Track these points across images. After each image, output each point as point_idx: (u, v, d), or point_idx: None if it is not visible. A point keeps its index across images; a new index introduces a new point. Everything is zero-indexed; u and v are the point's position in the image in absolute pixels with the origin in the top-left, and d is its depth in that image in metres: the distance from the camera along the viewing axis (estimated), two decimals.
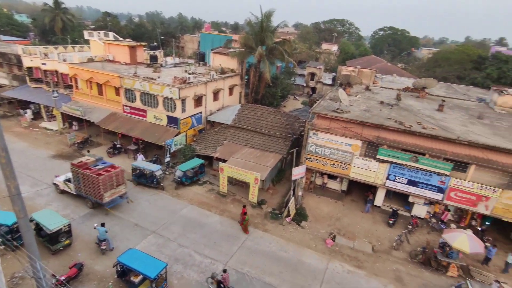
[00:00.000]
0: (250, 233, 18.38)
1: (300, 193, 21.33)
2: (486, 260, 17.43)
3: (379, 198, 21.83)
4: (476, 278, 16.19)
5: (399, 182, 20.13)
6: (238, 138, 26.09)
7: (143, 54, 35.39)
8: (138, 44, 35.11)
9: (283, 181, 24.94)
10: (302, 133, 23.54)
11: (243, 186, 22.77)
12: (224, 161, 22.93)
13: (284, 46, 32.04)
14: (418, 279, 16.13)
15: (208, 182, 23.68)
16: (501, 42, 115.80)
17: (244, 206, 18.78)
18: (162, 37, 67.30)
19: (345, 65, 44.61)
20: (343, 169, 21.26)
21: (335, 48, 73.35)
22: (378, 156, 19.96)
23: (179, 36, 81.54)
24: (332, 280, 15.50)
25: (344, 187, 23.20)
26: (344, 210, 21.65)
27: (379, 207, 21.95)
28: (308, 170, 22.36)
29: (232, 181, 23.10)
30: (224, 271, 14.25)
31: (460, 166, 18.64)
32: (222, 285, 13.69)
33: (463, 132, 20.18)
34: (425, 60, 66.12)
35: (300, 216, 20.13)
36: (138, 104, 27.34)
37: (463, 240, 15.80)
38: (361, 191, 23.18)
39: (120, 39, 39.16)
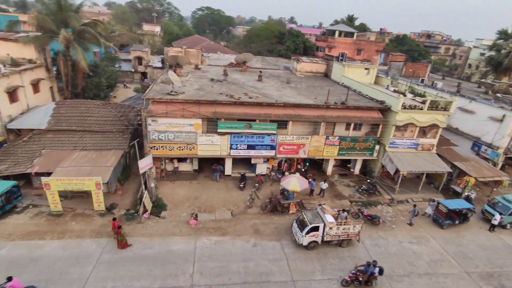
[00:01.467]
0: (105, 244, 16.18)
1: (153, 185, 20.31)
2: (311, 191, 22.57)
3: (228, 167, 23.78)
4: (308, 208, 20.78)
5: (241, 149, 22.45)
6: (63, 143, 21.59)
7: None
8: None
9: (131, 178, 22.96)
10: (140, 122, 21.95)
11: (84, 196, 19.44)
12: (49, 174, 18.60)
13: (96, 28, 27.85)
14: (271, 225, 19.10)
15: (31, 206, 18.75)
16: (292, 20, 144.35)
17: (114, 219, 16.55)
18: None
19: (172, 46, 43.92)
20: (191, 150, 21.62)
21: (157, 29, 70.63)
22: (219, 130, 21.35)
23: None
24: (203, 256, 16.07)
25: (196, 166, 23.80)
26: (200, 188, 22.37)
27: (230, 175, 23.99)
28: (156, 158, 21.42)
29: (67, 195, 19.24)
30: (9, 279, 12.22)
31: (282, 124, 22.61)
32: None
33: (279, 96, 24.33)
34: (241, 38, 74.09)
35: (159, 207, 19.36)
36: None
37: (294, 182, 19.69)
38: (212, 165, 24.50)
39: None
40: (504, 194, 23.04)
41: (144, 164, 19.18)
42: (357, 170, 26.27)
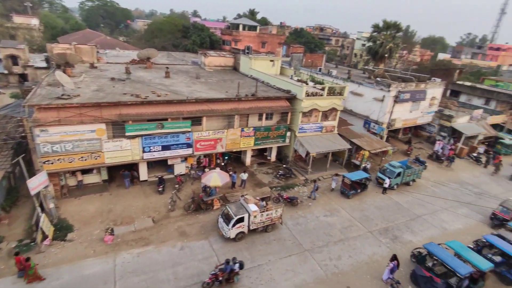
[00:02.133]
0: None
1: (52, 205, 17.40)
2: (233, 184, 22.88)
3: (143, 172, 22.13)
4: (231, 200, 21.02)
5: (155, 151, 21.09)
6: None
7: None
8: None
9: (21, 201, 19.21)
10: (24, 134, 18.38)
11: None
12: None
13: None
14: (197, 225, 18.67)
15: None
16: (195, 14, 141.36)
17: (16, 254, 13.95)
18: None
19: (57, 42, 37.87)
20: (96, 158, 19.25)
21: (35, 21, 59.79)
22: (127, 134, 19.56)
23: None
24: (125, 272, 14.69)
25: (105, 176, 21.37)
26: (113, 199, 20.24)
27: (146, 180, 22.39)
28: (52, 174, 18.38)
29: None
30: None
31: (196, 120, 22.08)
32: None
33: (190, 92, 23.63)
34: (143, 32, 68.97)
35: (63, 230, 16.76)
36: None
37: (215, 178, 19.60)
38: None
39: None
40: (390, 161, 27.74)
41: (36, 184, 16.23)
42: (273, 157, 27.76)
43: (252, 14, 68.96)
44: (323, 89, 25.72)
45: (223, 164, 25.42)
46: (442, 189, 26.42)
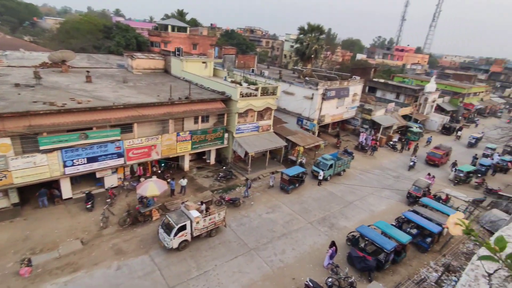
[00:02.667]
0: None
1: None
2: (172, 192, 21.88)
3: (66, 189, 19.68)
4: (171, 209, 20.06)
5: (79, 164, 18.92)
6: None
7: None
8: None
9: None
10: None
11: None
12: None
13: None
14: (135, 239, 17.32)
15: None
16: (118, 13, 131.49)
17: None
18: None
19: None
20: (1, 179, 16.39)
21: None
22: (41, 148, 17.12)
23: None
24: None
25: (15, 199, 18.35)
26: (29, 224, 17.53)
27: (71, 198, 19.96)
28: None
29: None
30: None
31: (126, 128, 20.50)
32: None
33: (116, 97, 21.81)
34: (55, 31, 61.40)
35: None
36: None
37: (152, 187, 18.45)
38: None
39: None
40: (323, 154, 29.76)
41: None
42: (212, 160, 27.38)
43: (181, 15, 67.01)
44: (257, 89, 26.29)
45: (160, 171, 24.13)
46: (368, 175, 29.37)
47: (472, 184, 30.45)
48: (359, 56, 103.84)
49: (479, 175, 32.23)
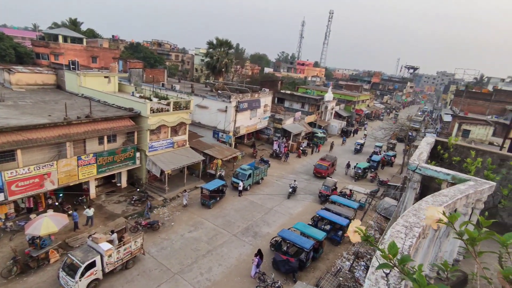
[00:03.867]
0: None
1: None
2: (75, 225, 18.89)
3: None
4: (76, 246, 17.25)
5: None
6: None
7: None
8: None
9: None
10: None
11: None
12: None
13: None
14: None
15: None
16: None
17: None
18: None
19: None
20: None
21: None
22: None
23: None
24: None
25: None
26: None
27: None
28: None
29: None
30: None
31: (6, 156, 16.92)
32: None
33: None
34: None
35: None
36: None
37: (47, 223, 15.56)
38: None
39: None
40: (241, 165, 30.34)
41: None
42: (124, 182, 24.89)
43: (74, 24, 60.03)
44: (168, 104, 25.25)
45: (57, 203, 20.61)
46: (284, 181, 31.21)
47: (368, 178, 35.47)
48: (267, 70, 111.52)
49: (372, 169, 37.78)
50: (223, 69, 51.50)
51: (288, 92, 56.88)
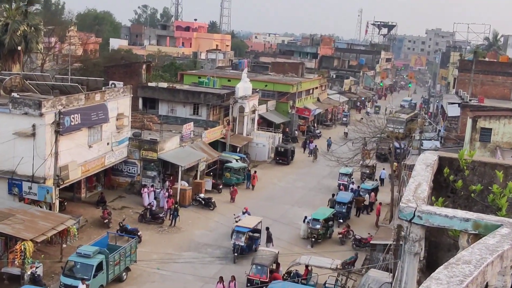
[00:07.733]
0: None
1: None
2: None
3: None
4: None
5: None
6: None
7: None
8: None
9: None
10: None
11: None
12: None
13: None
14: None
15: None
16: None
17: None
18: None
19: None
20: None
21: None
22: None
23: None
24: None
25: None
26: None
27: None
28: None
29: None
30: None
31: None
32: None
33: None
34: None
35: None
36: None
37: None
38: None
39: None
40: (78, 247, 15.40)
41: None
42: None
43: None
44: None
45: None
46: (175, 268, 16.82)
47: (336, 238, 21.82)
48: (116, 43, 66.38)
49: (341, 220, 23.22)
50: (19, 47, 29.27)
51: (164, 85, 34.21)
